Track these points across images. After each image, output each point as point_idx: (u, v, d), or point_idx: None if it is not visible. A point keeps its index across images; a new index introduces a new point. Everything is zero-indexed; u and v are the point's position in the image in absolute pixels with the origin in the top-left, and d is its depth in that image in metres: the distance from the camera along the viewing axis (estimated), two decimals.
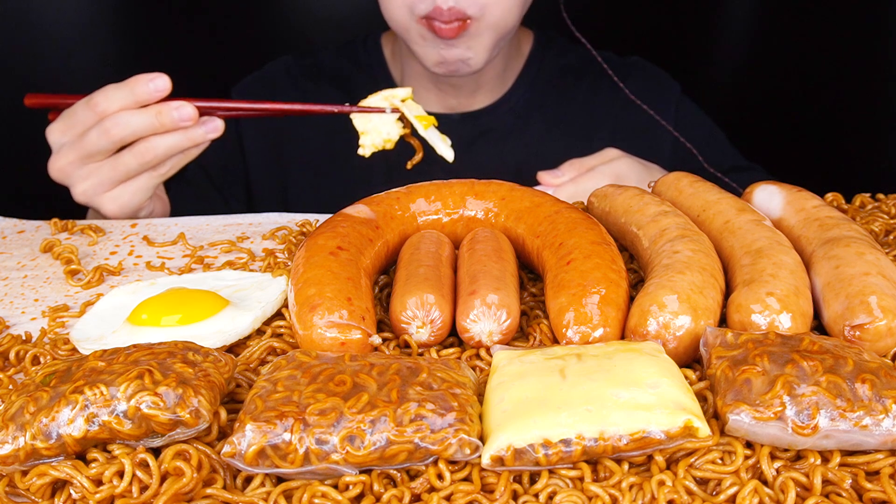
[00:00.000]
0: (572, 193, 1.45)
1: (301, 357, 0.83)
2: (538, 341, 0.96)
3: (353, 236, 1.05)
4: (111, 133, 1.31)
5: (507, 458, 0.74)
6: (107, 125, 1.30)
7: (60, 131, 1.36)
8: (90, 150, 1.32)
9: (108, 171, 1.34)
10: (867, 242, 0.99)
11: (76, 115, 1.33)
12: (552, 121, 1.88)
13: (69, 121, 1.34)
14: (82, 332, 1.01)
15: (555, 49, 1.94)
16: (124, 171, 1.34)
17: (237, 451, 0.74)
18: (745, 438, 0.77)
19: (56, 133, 1.36)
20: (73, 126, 1.34)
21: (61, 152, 1.35)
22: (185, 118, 1.32)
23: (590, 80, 1.92)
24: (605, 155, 1.52)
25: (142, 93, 1.31)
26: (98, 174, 1.35)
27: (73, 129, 1.34)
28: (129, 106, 1.31)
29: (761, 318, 0.89)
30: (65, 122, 1.35)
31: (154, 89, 1.31)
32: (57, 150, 1.36)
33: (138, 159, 1.33)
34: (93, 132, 1.31)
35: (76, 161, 1.34)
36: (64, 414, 0.76)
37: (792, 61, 2.41)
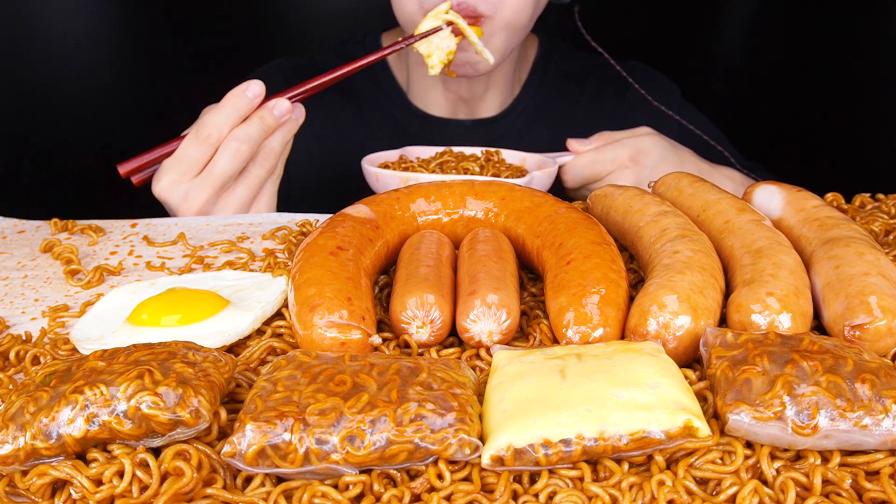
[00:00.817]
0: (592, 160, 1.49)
1: (301, 357, 0.83)
2: (538, 341, 0.96)
3: (353, 236, 1.05)
4: (240, 152, 1.31)
5: (507, 458, 0.74)
6: (232, 146, 1.30)
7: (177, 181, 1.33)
8: (224, 178, 1.32)
9: (244, 192, 1.35)
10: (867, 242, 0.99)
11: (189, 157, 1.32)
12: (558, 126, 1.88)
13: (182, 166, 1.32)
14: (82, 332, 1.01)
15: (559, 55, 1.95)
16: (258, 184, 1.36)
17: (237, 451, 0.74)
18: (745, 438, 0.77)
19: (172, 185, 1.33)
20: (190, 168, 1.32)
21: (190, 196, 1.33)
22: (285, 113, 1.35)
23: (593, 86, 1.93)
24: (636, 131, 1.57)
25: (244, 105, 1.32)
26: (236, 200, 1.35)
27: (193, 169, 1.32)
28: (236, 123, 1.32)
29: (761, 318, 0.89)
30: (177, 168, 1.32)
31: (253, 97, 1.33)
32: (182, 198, 1.33)
33: (265, 167, 1.35)
34: (221, 160, 1.30)
35: (212, 197, 1.33)
36: (64, 414, 0.76)
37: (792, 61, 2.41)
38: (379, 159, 1.58)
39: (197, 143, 1.31)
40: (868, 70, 2.17)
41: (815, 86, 2.34)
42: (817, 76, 2.33)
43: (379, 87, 1.91)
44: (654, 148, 1.53)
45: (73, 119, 2.38)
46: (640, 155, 1.53)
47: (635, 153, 1.53)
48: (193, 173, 1.33)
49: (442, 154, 1.56)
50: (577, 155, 1.55)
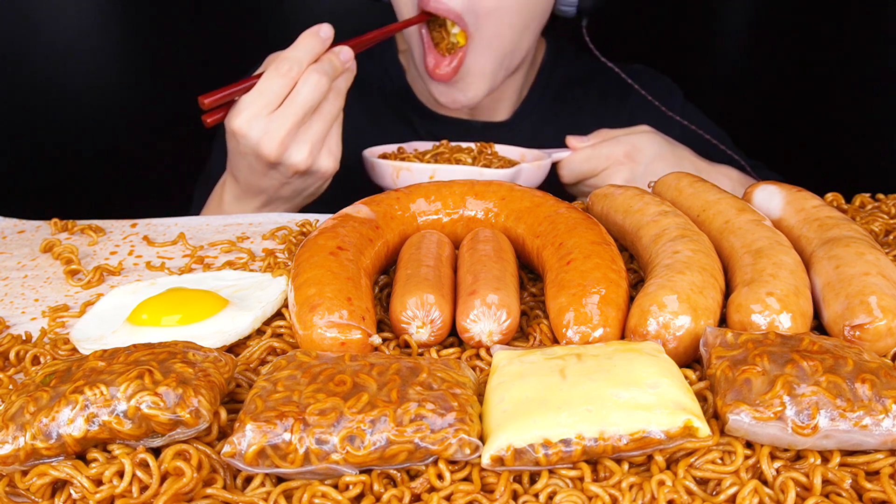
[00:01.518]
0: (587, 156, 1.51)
1: (301, 357, 0.83)
2: (538, 341, 0.96)
3: (353, 236, 1.05)
4: (321, 83, 1.34)
5: (507, 458, 0.74)
6: (314, 78, 1.34)
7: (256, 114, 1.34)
8: (305, 110, 1.34)
9: (320, 127, 1.37)
10: (867, 242, 0.99)
11: (270, 90, 1.33)
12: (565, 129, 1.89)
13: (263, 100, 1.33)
14: (82, 332, 1.01)
15: (564, 58, 1.96)
16: (331, 120, 1.38)
17: (237, 451, 0.74)
18: (745, 438, 0.77)
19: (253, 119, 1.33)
20: (271, 102, 1.34)
21: (271, 130, 1.33)
22: (349, 59, 1.41)
23: (598, 90, 1.93)
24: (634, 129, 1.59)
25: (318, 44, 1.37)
26: (313, 134, 1.37)
27: (272, 103, 1.34)
28: (312, 60, 1.36)
29: (761, 318, 0.89)
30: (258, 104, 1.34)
31: (325, 37, 1.38)
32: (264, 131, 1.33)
33: (336, 104, 1.39)
34: (303, 90, 1.33)
35: (293, 128, 1.34)
36: (64, 414, 0.76)
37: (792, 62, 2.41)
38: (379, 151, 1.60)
39: (278, 76, 1.33)
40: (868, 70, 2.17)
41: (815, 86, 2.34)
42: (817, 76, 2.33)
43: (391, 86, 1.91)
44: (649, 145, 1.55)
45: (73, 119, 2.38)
46: (635, 152, 1.54)
47: (630, 150, 1.54)
48: (273, 107, 1.34)
49: (437, 147, 1.57)
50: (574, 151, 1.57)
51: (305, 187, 1.44)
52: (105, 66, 2.43)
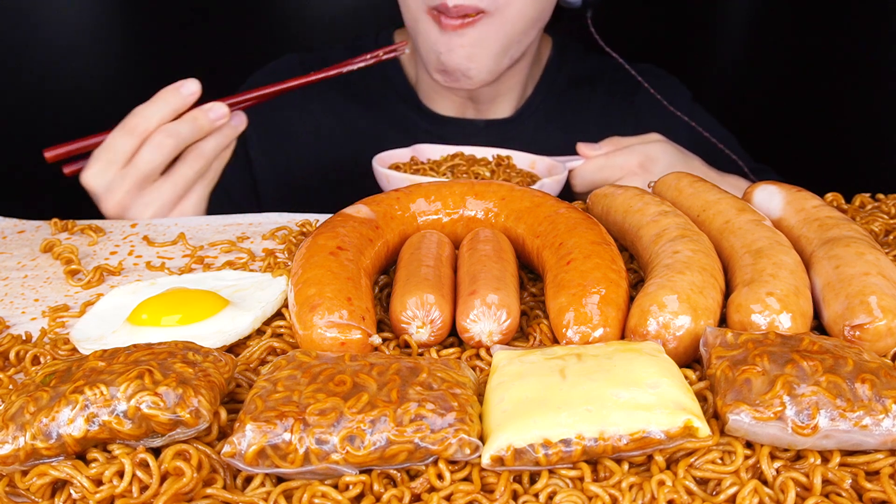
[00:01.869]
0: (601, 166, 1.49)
1: (301, 357, 0.83)
2: (538, 341, 0.96)
3: (353, 236, 1.05)
4: (164, 146, 1.30)
5: (507, 458, 0.74)
6: (158, 139, 1.30)
7: (102, 170, 1.33)
8: (147, 171, 1.31)
9: (169, 189, 1.34)
10: (867, 242, 0.99)
11: (115, 147, 1.31)
12: (570, 128, 1.88)
13: (109, 155, 1.32)
14: (82, 332, 1.01)
15: (571, 57, 1.95)
16: (183, 184, 1.34)
17: (237, 451, 0.74)
18: (745, 438, 0.77)
19: (98, 174, 1.33)
20: (117, 158, 1.32)
21: (113, 187, 1.32)
22: (220, 117, 1.34)
23: (605, 88, 1.93)
24: (646, 137, 1.56)
25: (176, 101, 1.31)
26: (160, 196, 1.34)
27: (117, 161, 1.32)
28: (167, 118, 1.31)
29: (761, 318, 0.89)
30: (104, 157, 1.33)
31: (188, 94, 1.32)
32: (105, 188, 1.33)
33: (193, 167, 1.34)
34: (145, 152, 1.30)
35: (133, 189, 1.32)
36: (64, 414, 0.76)
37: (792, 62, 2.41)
38: (390, 159, 1.57)
39: (123, 133, 1.31)
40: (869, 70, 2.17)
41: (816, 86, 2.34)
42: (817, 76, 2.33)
43: (390, 86, 1.91)
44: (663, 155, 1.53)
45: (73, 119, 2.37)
46: (649, 162, 1.52)
47: (644, 160, 1.52)
48: (119, 164, 1.32)
49: (453, 157, 1.55)
50: (586, 159, 1.54)
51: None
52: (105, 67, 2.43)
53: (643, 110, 1.86)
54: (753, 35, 2.57)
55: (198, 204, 1.38)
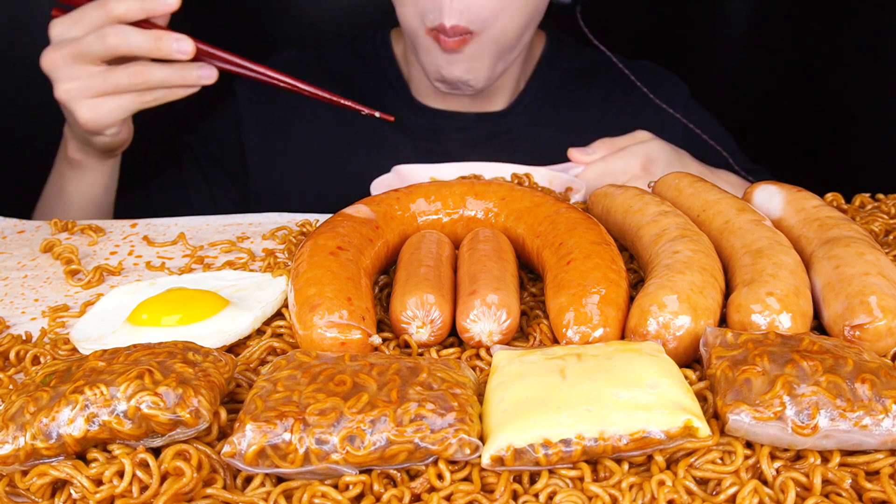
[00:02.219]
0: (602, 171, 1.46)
1: (301, 357, 0.83)
2: (538, 341, 0.96)
3: (353, 236, 1.05)
4: (107, 40, 1.30)
5: (507, 458, 0.74)
6: (106, 31, 1.30)
7: (65, 25, 1.34)
8: (83, 51, 1.31)
9: (97, 80, 1.33)
10: (867, 242, 0.99)
11: (85, 14, 1.33)
12: (564, 123, 1.88)
13: (76, 17, 1.33)
14: (82, 332, 1.01)
15: (566, 52, 1.95)
16: (113, 84, 1.33)
17: (237, 451, 0.74)
18: (745, 438, 0.77)
19: (59, 26, 1.35)
20: (79, 22, 1.33)
21: (58, 44, 1.34)
22: (183, 51, 1.32)
23: (600, 84, 1.93)
24: (636, 136, 1.54)
25: (152, 8, 1.32)
26: (87, 79, 1.33)
27: (78, 25, 1.33)
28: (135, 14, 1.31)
29: (761, 318, 0.89)
30: (72, 17, 1.34)
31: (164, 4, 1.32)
32: (56, 42, 1.34)
33: (130, 79, 1.33)
34: (92, 35, 1.31)
35: (68, 57, 1.32)
36: (64, 414, 0.76)
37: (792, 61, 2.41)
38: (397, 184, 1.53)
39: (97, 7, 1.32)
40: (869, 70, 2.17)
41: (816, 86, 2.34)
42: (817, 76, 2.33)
43: (385, 79, 1.91)
44: (661, 154, 1.51)
45: None
46: (650, 163, 1.50)
47: (646, 161, 1.50)
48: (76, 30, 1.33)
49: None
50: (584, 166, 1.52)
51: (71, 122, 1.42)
52: None
53: (639, 106, 1.85)
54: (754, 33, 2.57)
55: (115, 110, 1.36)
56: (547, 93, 1.90)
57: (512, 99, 1.89)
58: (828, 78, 2.29)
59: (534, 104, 1.89)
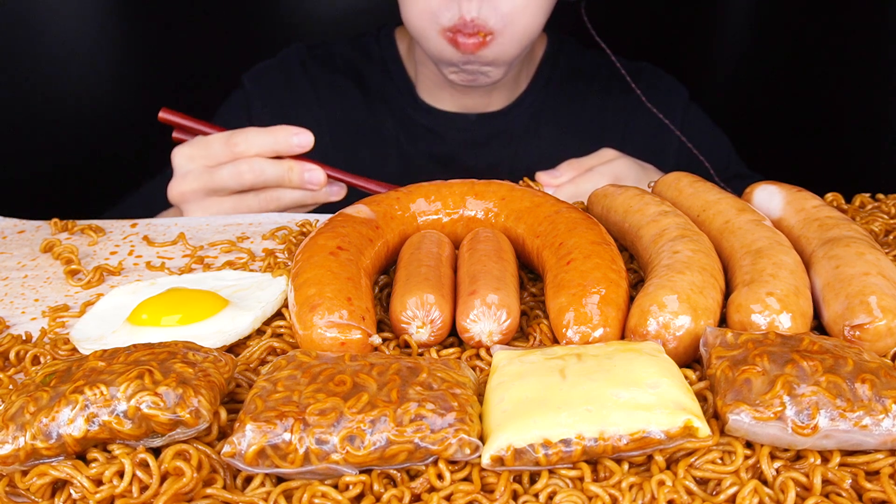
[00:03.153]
0: (572, 194, 1.46)
1: (301, 357, 0.83)
2: (538, 341, 0.96)
3: (353, 236, 1.05)
4: (244, 177, 1.33)
5: (507, 458, 0.74)
6: (242, 168, 1.33)
7: (189, 158, 1.36)
8: (217, 186, 1.35)
9: (228, 207, 1.37)
10: (867, 242, 0.99)
11: (211, 148, 1.35)
12: (564, 124, 1.88)
13: (203, 151, 1.35)
14: (82, 332, 1.01)
15: (566, 52, 1.95)
16: (245, 209, 1.38)
17: (237, 451, 0.74)
18: (745, 438, 0.77)
19: (184, 158, 1.37)
20: (206, 157, 1.35)
21: (187, 178, 1.36)
22: (314, 182, 1.36)
23: (600, 85, 1.93)
24: (602, 155, 1.54)
25: (283, 144, 1.34)
26: (219, 206, 1.37)
27: (205, 160, 1.35)
28: (266, 153, 1.33)
29: (761, 318, 0.89)
30: (197, 149, 1.36)
31: (297, 144, 1.34)
32: (183, 174, 1.37)
33: (262, 205, 1.37)
34: (225, 170, 1.33)
35: (200, 191, 1.36)
36: (64, 414, 0.76)
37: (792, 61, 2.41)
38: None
39: (224, 143, 1.34)
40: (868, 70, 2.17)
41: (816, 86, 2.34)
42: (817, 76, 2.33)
43: (391, 80, 1.91)
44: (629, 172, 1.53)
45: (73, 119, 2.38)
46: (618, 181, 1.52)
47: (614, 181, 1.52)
48: (204, 164, 1.35)
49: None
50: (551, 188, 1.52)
51: None
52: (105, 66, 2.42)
53: (638, 107, 1.85)
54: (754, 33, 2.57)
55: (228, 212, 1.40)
56: (547, 93, 1.91)
57: (513, 99, 1.89)
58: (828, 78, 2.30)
59: (535, 104, 1.89)
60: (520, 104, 1.89)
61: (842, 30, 2.25)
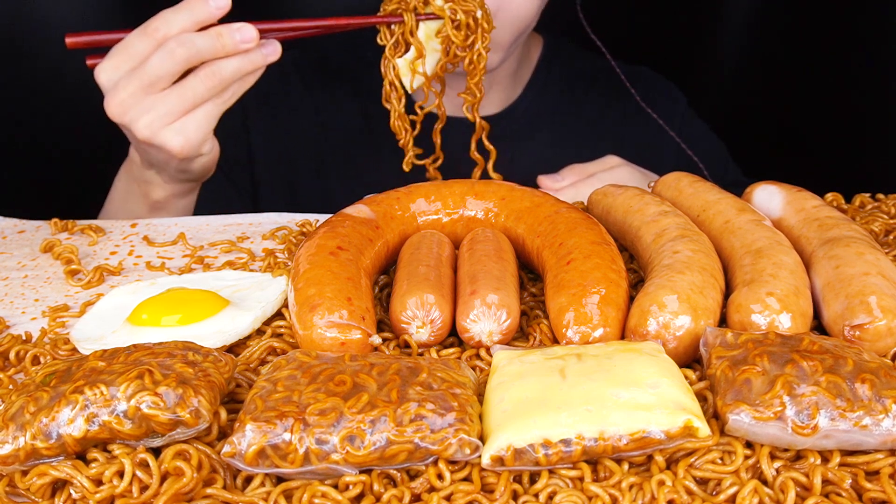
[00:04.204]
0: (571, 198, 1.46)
1: (301, 357, 0.83)
2: (538, 341, 0.96)
3: (353, 236, 1.05)
4: (176, 54, 1.24)
5: (507, 458, 0.74)
6: (171, 46, 1.24)
7: (114, 67, 1.27)
8: (154, 77, 1.25)
9: (174, 100, 1.27)
10: (867, 242, 0.99)
11: (132, 46, 1.26)
12: (561, 128, 1.88)
13: (123, 54, 1.27)
14: (82, 332, 1.01)
15: (564, 55, 1.95)
16: (192, 97, 1.27)
17: (237, 451, 0.74)
18: (745, 438, 0.77)
19: (108, 70, 1.28)
20: (130, 58, 1.26)
21: (119, 86, 1.27)
22: (247, 39, 1.27)
23: (598, 89, 1.92)
24: (605, 162, 1.54)
25: (202, 12, 1.25)
26: (164, 104, 1.27)
27: (131, 60, 1.26)
28: (189, 28, 1.25)
29: (761, 318, 0.89)
30: (118, 56, 1.27)
31: (215, 7, 1.26)
32: (113, 86, 1.27)
33: (205, 84, 1.27)
34: (155, 57, 1.24)
35: (138, 91, 1.26)
36: (64, 414, 0.76)
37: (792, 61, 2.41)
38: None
39: (141, 34, 1.26)
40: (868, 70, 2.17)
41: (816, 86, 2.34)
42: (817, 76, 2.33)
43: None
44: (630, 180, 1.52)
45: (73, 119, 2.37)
46: None
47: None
48: (131, 65, 1.27)
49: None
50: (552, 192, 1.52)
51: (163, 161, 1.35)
52: None
53: (635, 111, 1.85)
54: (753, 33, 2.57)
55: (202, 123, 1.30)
56: (544, 96, 1.90)
57: (509, 102, 1.89)
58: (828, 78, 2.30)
59: (531, 108, 1.89)
60: (516, 108, 1.88)
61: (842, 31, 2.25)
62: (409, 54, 1.45)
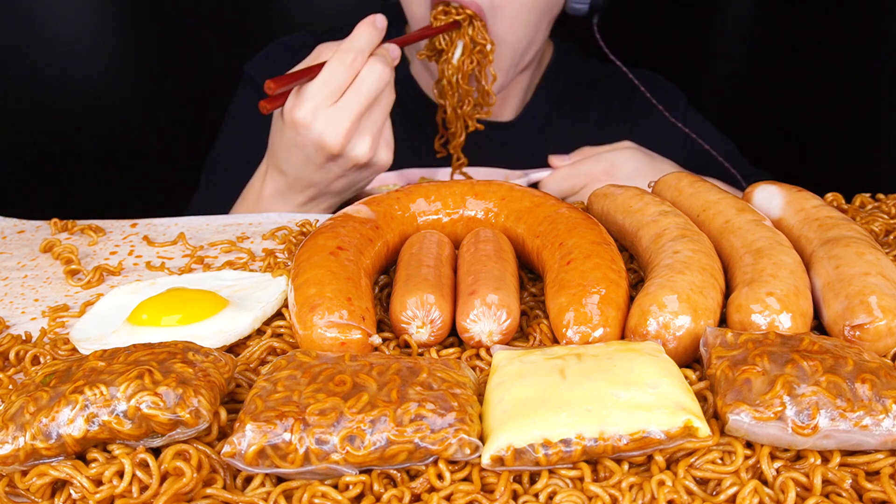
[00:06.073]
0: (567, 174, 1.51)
1: (301, 357, 0.83)
2: (538, 341, 0.96)
3: (353, 236, 1.05)
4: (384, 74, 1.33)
5: (507, 458, 0.74)
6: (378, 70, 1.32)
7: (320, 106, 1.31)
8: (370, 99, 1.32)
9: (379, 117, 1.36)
10: (867, 242, 0.99)
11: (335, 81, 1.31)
12: (569, 132, 1.89)
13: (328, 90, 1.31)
14: (82, 332, 1.01)
15: (570, 61, 1.95)
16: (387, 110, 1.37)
17: (237, 451, 0.74)
18: (745, 438, 0.77)
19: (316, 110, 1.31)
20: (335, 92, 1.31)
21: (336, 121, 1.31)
22: (396, 56, 1.39)
23: (603, 93, 1.93)
24: (615, 145, 1.60)
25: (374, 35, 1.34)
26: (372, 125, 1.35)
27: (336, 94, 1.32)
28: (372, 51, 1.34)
29: (761, 318, 0.89)
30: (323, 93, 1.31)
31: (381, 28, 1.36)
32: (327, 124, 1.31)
33: (392, 96, 1.37)
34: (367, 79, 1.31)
35: (356, 120, 1.32)
36: (64, 414, 0.76)
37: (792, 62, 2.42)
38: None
39: (343, 67, 1.31)
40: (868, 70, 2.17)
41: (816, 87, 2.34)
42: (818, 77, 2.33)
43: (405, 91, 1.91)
44: (628, 161, 1.55)
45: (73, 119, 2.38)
46: (613, 168, 1.55)
47: (609, 167, 1.56)
48: (337, 97, 1.32)
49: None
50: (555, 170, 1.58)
51: (359, 180, 1.42)
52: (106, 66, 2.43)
53: (640, 115, 1.86)
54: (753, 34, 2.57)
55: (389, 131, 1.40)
56: (553, 102, 1.91)
57: (520, 109, 1.89)
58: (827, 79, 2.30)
59: (540, 114, 1.90)
60: (527, 114, 1.89)
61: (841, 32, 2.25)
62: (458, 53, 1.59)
